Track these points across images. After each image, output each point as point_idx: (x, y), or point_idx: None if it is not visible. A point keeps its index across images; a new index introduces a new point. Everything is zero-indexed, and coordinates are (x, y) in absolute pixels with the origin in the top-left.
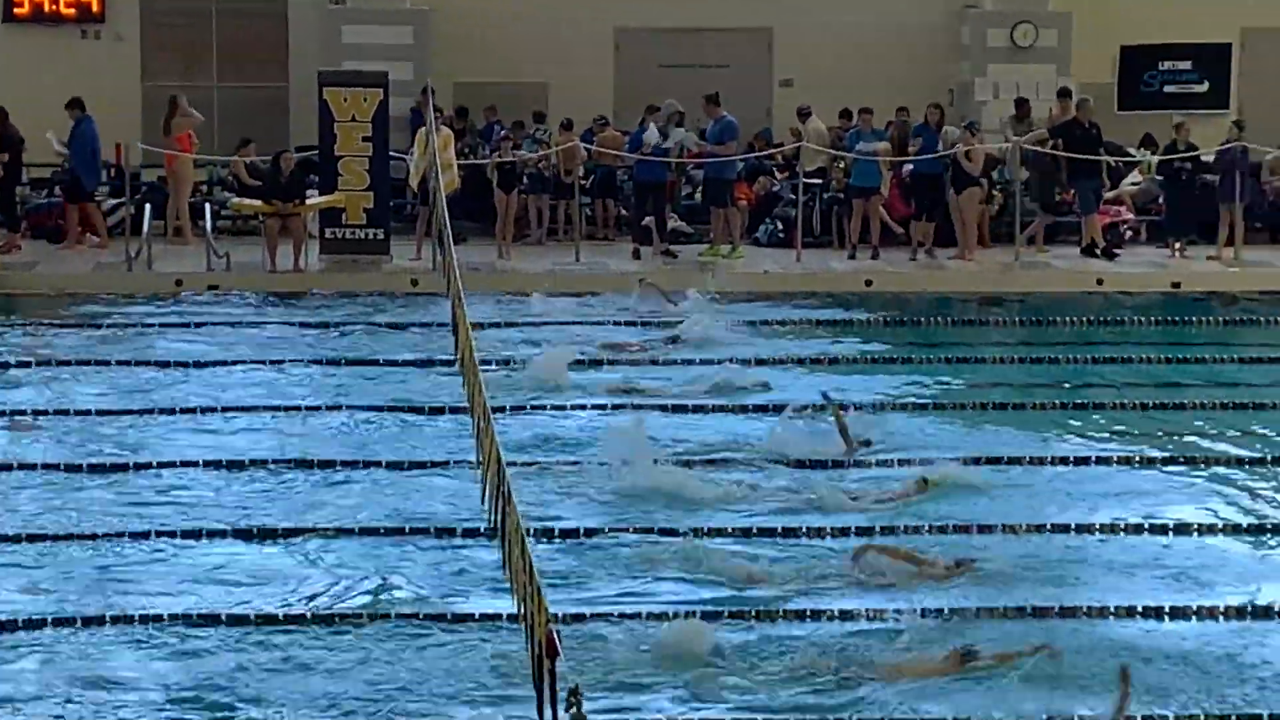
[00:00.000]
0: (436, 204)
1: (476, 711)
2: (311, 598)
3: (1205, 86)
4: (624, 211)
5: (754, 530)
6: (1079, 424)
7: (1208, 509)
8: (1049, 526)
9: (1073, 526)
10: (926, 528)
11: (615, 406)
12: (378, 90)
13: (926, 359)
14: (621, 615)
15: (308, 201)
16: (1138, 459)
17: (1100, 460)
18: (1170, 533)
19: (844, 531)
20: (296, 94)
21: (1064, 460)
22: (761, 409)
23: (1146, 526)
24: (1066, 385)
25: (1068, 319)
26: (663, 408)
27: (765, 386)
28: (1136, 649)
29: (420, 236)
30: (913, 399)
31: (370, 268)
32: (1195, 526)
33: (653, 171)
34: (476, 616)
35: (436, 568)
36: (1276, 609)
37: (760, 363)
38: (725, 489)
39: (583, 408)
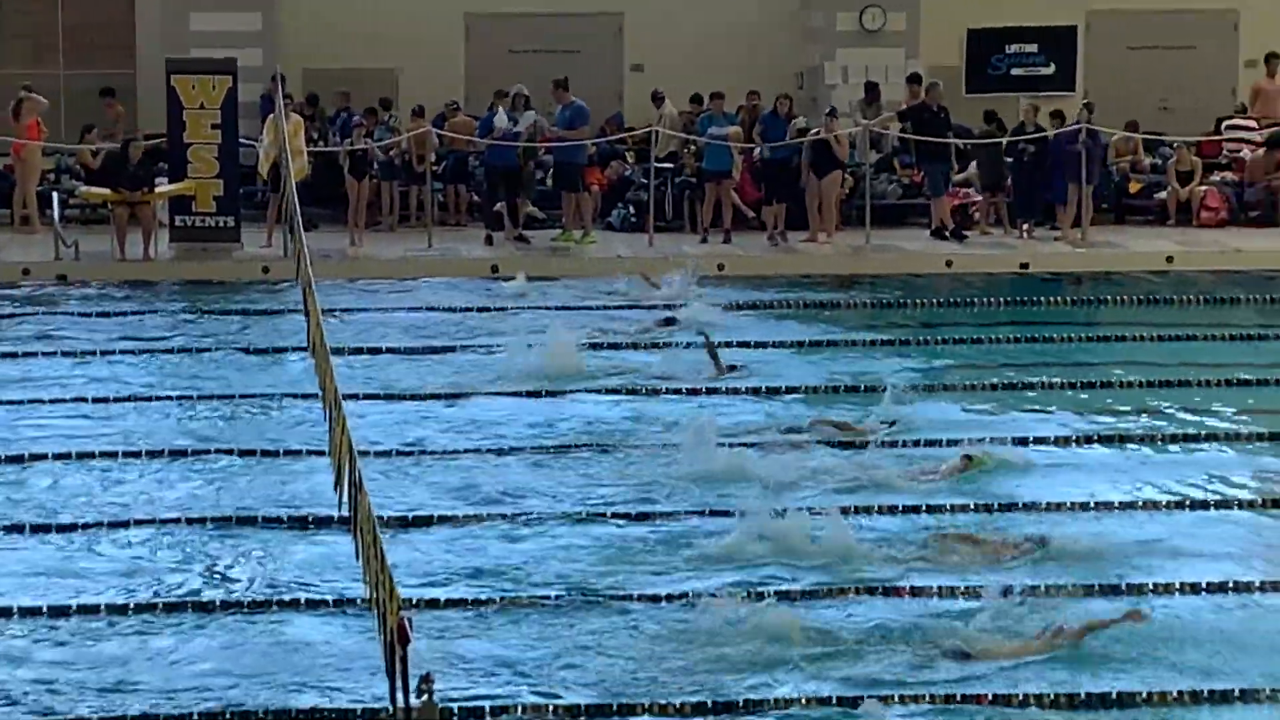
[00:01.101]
0: (287, 191)
1: (331, 699)
2: (162, 587)
3: (1051, 69)
4: (476, 197)
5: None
6: (932, 405)
7: (1062, 487)
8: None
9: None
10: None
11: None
12: (226, 77)
13: (780, 342)
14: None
15: (157, 190)
16: (987, 440)
17: (952, 442)
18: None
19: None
20: (144, 81)
21: (916, 443)
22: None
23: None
24: (919, 366)
25: (918, 301)
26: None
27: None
28: None
29: (271, 224)
30: (766, 384)
31: (221, 255)
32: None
33: (503, 157)
34: (331, 604)
35: (290, 556)
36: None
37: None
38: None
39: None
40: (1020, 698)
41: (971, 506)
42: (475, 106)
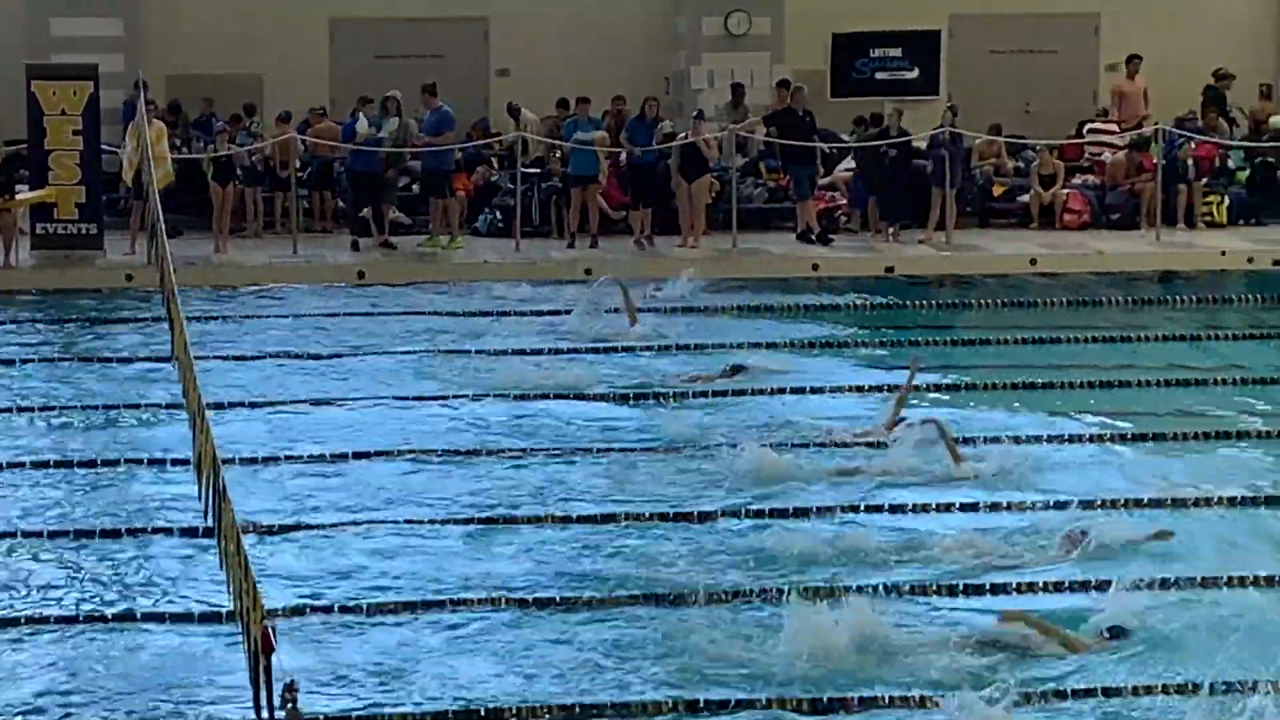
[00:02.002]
0: (150, 198)
1: (195, 711)
2: (24, 600)
3: (915, 73)
4: (342, 203)
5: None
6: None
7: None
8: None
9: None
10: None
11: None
12: (88, 83)
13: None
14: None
15: (18, 197)
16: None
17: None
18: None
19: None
20: (4, 87)
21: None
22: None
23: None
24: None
25: (787, 304)
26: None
27: None
28: None
29: (134, 231)
30: (613, 389)
31: (84, 263)
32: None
33: (366, 162)
34: (196, 616)
35: (154, 567)
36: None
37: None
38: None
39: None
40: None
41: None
42: (341, 112)
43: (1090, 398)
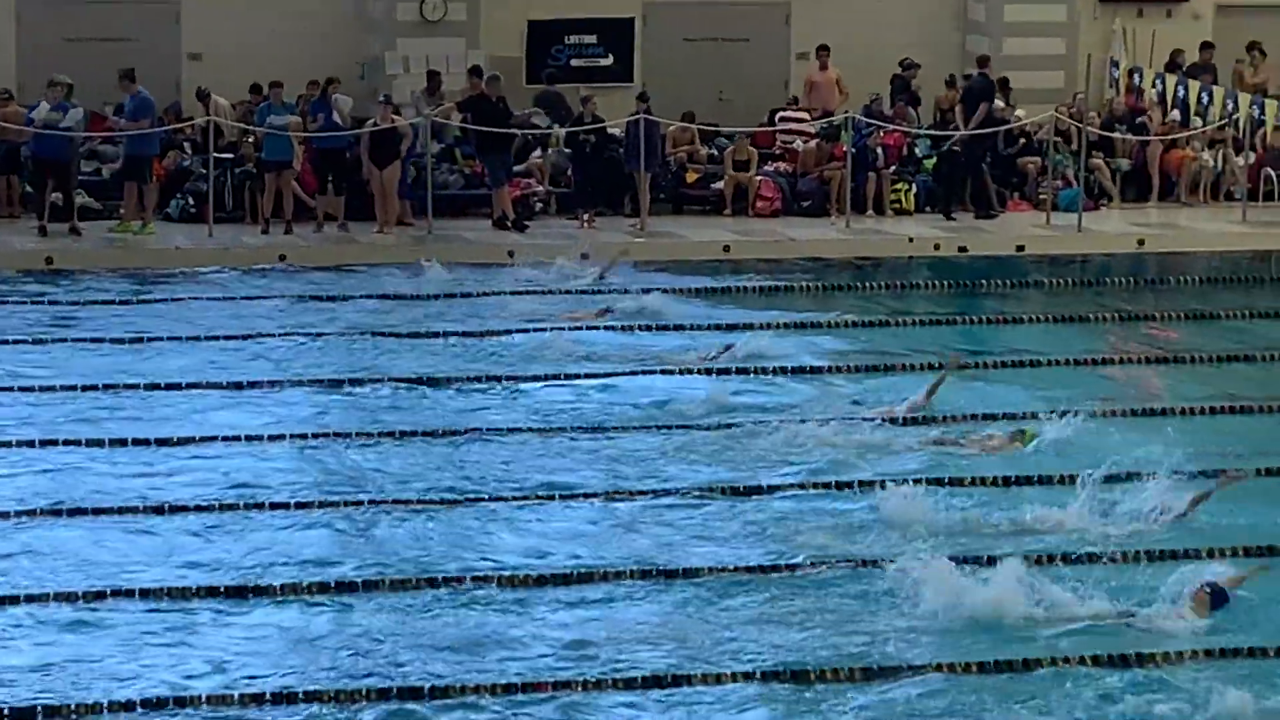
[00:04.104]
0: None
1: None
2: None
3: (610, 60)
4: (29, 188)
5: None
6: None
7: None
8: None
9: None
10: None
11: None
12: None
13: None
14: None
15: None
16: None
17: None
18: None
19: None
20: None
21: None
22: None
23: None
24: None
25: (483, 291)
26: None
27: None
28: None
29: None
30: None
31: None
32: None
33: (50, 148)
34: None
35: None
36: None
37: None
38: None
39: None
40: None
41: None
42: (30, 95)
43: (778, 380)
